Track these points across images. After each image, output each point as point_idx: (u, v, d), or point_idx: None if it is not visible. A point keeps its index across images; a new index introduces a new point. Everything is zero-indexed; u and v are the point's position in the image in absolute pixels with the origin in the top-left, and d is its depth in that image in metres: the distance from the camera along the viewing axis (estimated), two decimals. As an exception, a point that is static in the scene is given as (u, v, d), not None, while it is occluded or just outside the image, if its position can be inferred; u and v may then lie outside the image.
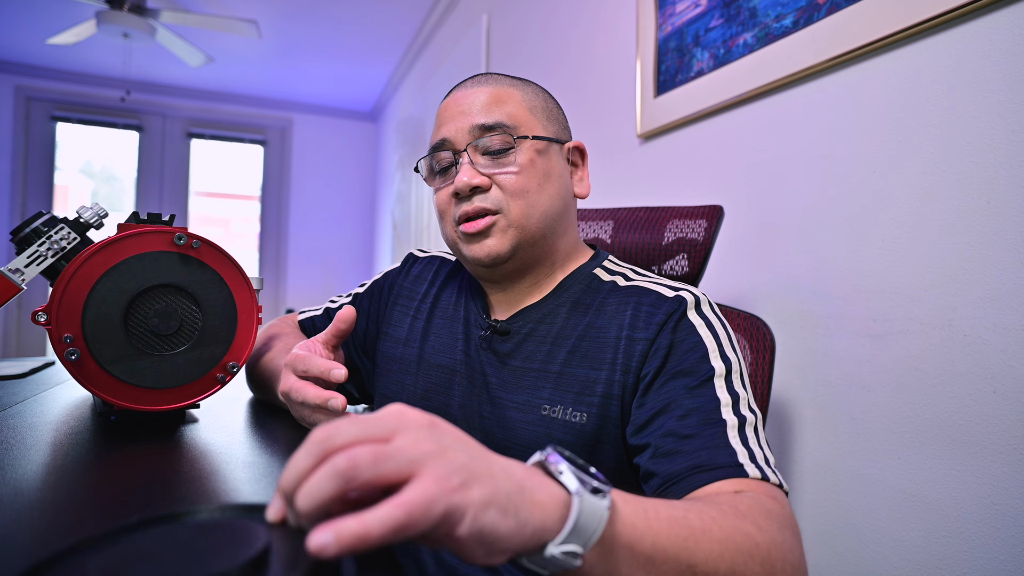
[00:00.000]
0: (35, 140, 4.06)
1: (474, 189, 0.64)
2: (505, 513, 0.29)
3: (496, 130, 0.64)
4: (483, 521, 0.28)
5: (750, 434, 0.53)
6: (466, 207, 0.64)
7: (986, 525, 0.73)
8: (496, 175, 0.64)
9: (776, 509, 0.45)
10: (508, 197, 0.64)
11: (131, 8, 2.73)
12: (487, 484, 0.29)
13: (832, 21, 0.93)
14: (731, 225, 1.13)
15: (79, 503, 0.42)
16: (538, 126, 0.67)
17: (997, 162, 0.73)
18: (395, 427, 0.30)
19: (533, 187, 0.65)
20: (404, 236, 3.64)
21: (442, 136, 0.67)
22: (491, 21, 2.43)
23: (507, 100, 0.66)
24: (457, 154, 0.66)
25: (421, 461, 0.28)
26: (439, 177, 0.69)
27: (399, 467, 0.27)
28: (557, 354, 0.64)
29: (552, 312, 0.67)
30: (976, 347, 0.74)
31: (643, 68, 1.39)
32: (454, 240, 0.68)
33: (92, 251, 0.58)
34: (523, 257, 0.66)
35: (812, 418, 0.97)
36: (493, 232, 0.64)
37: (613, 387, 0.60)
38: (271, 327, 0.88)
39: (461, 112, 0.66)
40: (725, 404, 0.54)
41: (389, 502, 0.26)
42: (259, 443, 0.59)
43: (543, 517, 0.30)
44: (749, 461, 0.50)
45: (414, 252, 0.87)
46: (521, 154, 0.65)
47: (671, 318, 0.60)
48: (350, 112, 4.86)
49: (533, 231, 0.65)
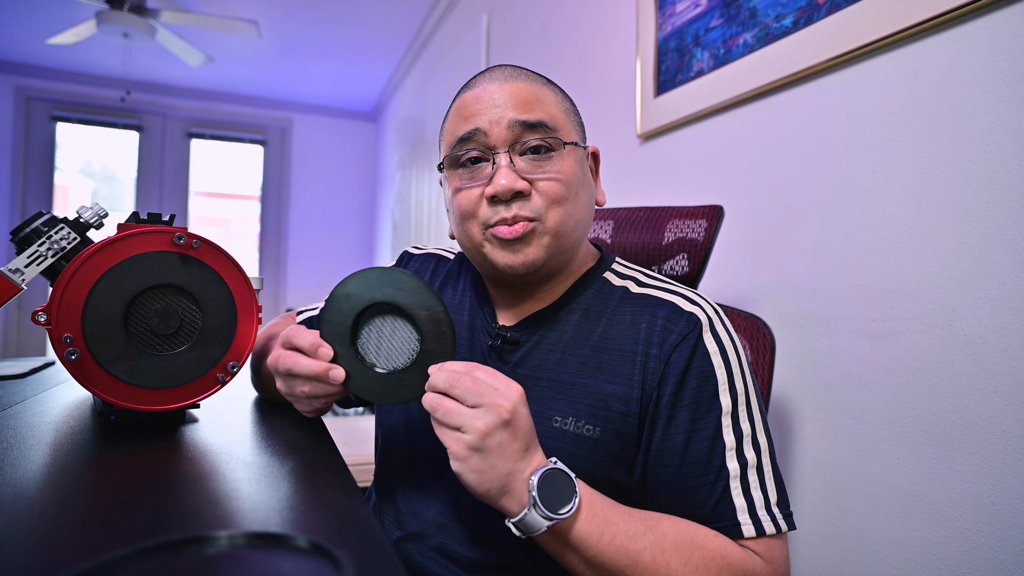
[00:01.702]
0: (35, 140, 4.06)
1: (516, 194, 0.59)
2: (485, 490, 0.49)
3: (538, 130, 0.60)
4: (470, 487, 0.50)
5: (752, 479, 0.56)
6: (505, 212, 0.59)
7: (986, 525, 0.73)
8: (537, 180, 0.60)
9: (756, 571, 0.53)
10: (547, 204, 0.60)
11: (131, 8, 2.73)
12: (487, 483, 0.49)
13: (832, 21, 0.93)
14: (731, 225, 1.13)
15: (79, 503, 0.42)
16: (573, 131, 0.64)
17: (997, 162, 0.73)
18: (482, 403, 0.49)
19: (572, 195, 0.61)
20: (404, 236, 3.64)
21: (474, 126, 0.61)
22: (491, 21, 2.43)
23: (544, 99, 0.62)
24: (492, 151, 0.60)
25: (466, 442, 0.48)
26: (463, 173, 0.63)
27: (454, 427, 0.49)
28: (569, 364, 0.62)
29: (562, 320, 0.65)
30: (976, 347, 0.74)
31: (643, 68, 1.39)
32: (480, 243, 0.63)
33: (92, 251, 0.58)
34: (552, 265, 0.63)
35: (812, 418, 0.97)
36: (531, 240, 0.60)
37: (631, 404, 0.59)
38: (272, 326, 0.88)
39: (496, 105, 0.60)
40: (730, 448, 0.57)
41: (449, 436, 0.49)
42: (259, 443, 0.59)
43: (509, 507, 0.50)
44: (747, 516, 0.55)
45: (409, 249, 0.85)
46: (564, 160, 0.61)
47: (686, 340, 0.59)
48: (350, 112, 4.86)
49: (566, 241, 0.62)
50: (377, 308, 0.57)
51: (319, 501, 0.44)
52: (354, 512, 0.42)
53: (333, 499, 0.45)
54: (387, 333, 0.57)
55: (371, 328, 0.57)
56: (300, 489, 0.46)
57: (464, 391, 0.49)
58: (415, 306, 0.55)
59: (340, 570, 0.31)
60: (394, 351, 0.57)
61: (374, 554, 0.35)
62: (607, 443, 0.59)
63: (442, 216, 2.90)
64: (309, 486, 0.47)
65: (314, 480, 0.49)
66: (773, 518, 0.55)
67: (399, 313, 0.56)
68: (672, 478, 0.57)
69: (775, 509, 0.56)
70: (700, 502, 0.56)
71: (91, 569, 0.30)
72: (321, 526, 0.39)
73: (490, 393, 0.49)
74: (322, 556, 0.34)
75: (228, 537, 0.35)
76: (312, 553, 0.34)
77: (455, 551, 0.62)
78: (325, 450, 0.57)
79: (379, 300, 0.56)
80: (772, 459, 0.59)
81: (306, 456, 0.55)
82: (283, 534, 0.36)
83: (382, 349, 0.57)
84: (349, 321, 0.57)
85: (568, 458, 0.59)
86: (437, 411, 0.49)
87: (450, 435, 0.49)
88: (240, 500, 0.43)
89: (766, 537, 0.55)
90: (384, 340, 0.57)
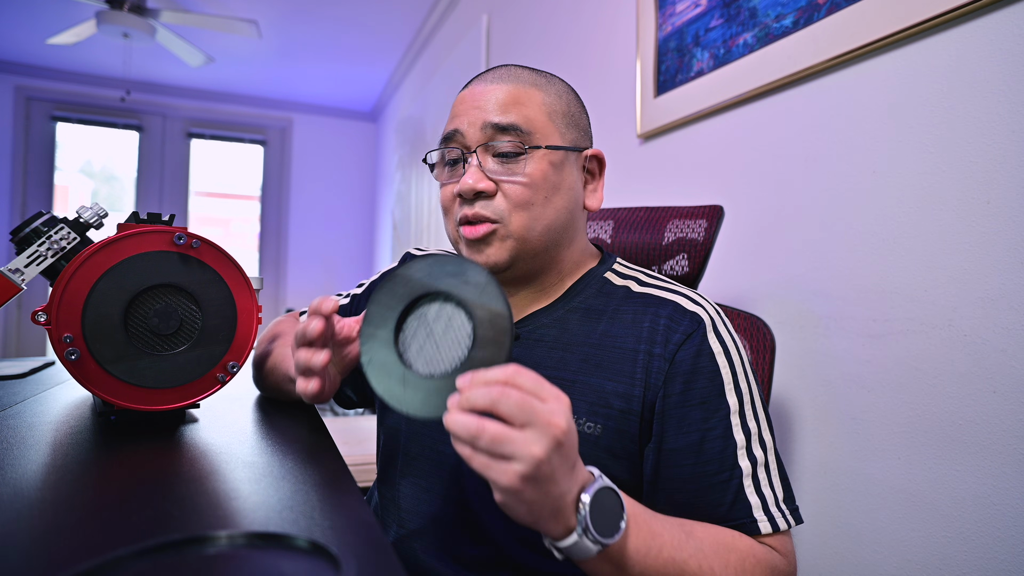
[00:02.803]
0: (35, 140, 4.06)
1: (478, 193, 0.61)
2: (535, 517, 0.43)
3: (509, 132, 0.61)
4: (519, 519, 0.44)
5: (762, 476, 0.57)
6: (467, 211, 0.62)
7: (986, 525, 0.73)
8: (503, 182, 0.62)
9: (779, 567, 0.55)
10: (511, 207, 0.61)
11: (131, 8, 2.73)
12: (539, 511, 0.42)
13: (832, 21, 0.93)
14: (731, 225, 1.13)
15: (79, 503, 0.42)
16: (555, 134, 0.64)
17: (997, 162, 0.73)
18: (534, 422, 0.40)
19: (539, 200, 0.62)
20: (404, 236, 3.64)
21: (454, 127, 0.64)
22: (491, 21, 2.43)
23: (527, 101, 0.63)
24: (467, 151, 0.63)
25: (519, 472, 0.40)
26: (447, 170, 0.66)
27: (503, 455, 0.40)
28: (569, 361, 0.62)
29: (562, 318, 0.65)
30: (976, 347, 0.74)
31: (643, 68, 1.39)
32: (455, 239, 0.67)
33: (92, 251, 0.58)
34: (523, 268, 0.64)
35: (812, 418, 0.97)
36: (492, 241, 0.62)
37: (632, 402, 0.59)
38: (276, 325, 0.87)
39: (477, 107, 0.63)
40: (740, 447, 0.57)
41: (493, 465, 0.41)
42: (259, 443, 0.59)
43: (554, 532, 0.44)
44: (762, 513, 0.56)
45: (411, 251, 0.86)
46: (531, 163, 0.61)
47: (691, 339, 0.59)
48: (350, 112, 4.86)
49: (534, 244, 0.63)
50: (435, 297, 0.49)
51: (319, 501, 0.44)
52: (354, 512, 0.42)
53: (333, 499, 0.45)
54: (438, 330, 0.48)
55: (421, 320, 0.49)
56: (300, 489, 0.46)
57: (511, 408, 0.40)
58: (477, 304, 0.47)
59: (340, 570, 0.31)
60: (439, 353, 0.48)
61: (374, 554, 0.35)
62: (608, 440, 0.59)
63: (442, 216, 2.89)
64: (309, 486, 0.47)
65: (314, 480, 0.49)
66: (783, 514, 0.57)
67: (459, 308, 0.48)
68: (688, 477, 0.57)
69: (783, 505, 0.57)
70: (717, 500, 0.56)
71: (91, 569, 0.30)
72: (321, 526, 0.39)
73: (541, 410, 0.40)
74: (322, 556, 0.34)
75: (228, 537, 0.35)
76: (312, 553, 0.34)
77: (457, 549, 0.62)
78: (325, 450, 0.57)
79: (440, 290, 0.48)
80: (777, 456, 0.60)
81: (306, 456, 0.55)
82: (283, 534, 0.36)
83: (425, 348, 0.48)
84: (401, 306, 0.49)
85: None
86: (481, 438, 0.39)
87: (498, 467, 0.40)
88: (240, 500, 0.43)
89: (780, 533, 0.56)
90: (431, 338, 0.48)
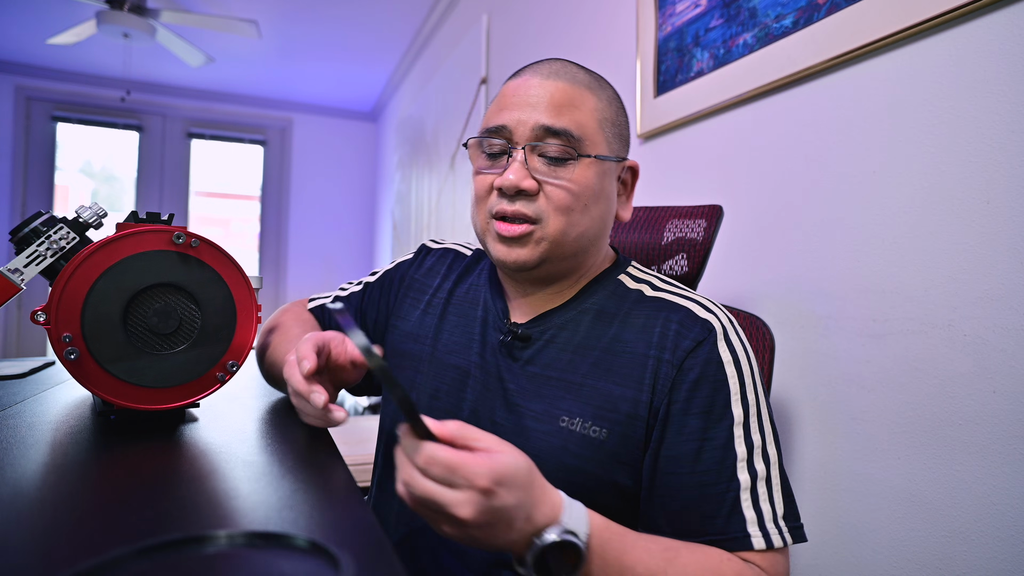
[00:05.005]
0: (35, 140, 4.05)
1: (520, 191, 0.60)
2: (487, 543, 0.44)
3: (560, 137, 0.60)
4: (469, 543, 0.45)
5: (761, 491, 0.56)
6: (506, 206, 0.61)
7: (986, 525, 0.73)
8: (547, 183, 0.61)
9: None
10: (552, 209, 0.60)
11: (131, 8, 2.73)
12: (485, 541, 0.44)
13: (832, 21, 0.93)
14: (731, 225, 1.13)
15: (79, 503, 0.42)
16: (603, 143, 0.63)
17: (997, 162, 0.73)
18: (462, 484, 0.41)
19: (579, 207, 0.61)
20: (404, 236, 3.64)
21: (502, 122, 0.62)
22: (491, 21, 2.43)
23: (580, 105, 0.62)
24: (512, 146, 0.61)
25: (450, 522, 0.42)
26: (485, 158, 0.64)
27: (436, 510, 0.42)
28: (579, 364, 0.62)
29: (574, 319, 0.65)
30: (976, 347, 0.74)
31: (643, 68, 1.39)
32: (484, 229, 0.65)
33: (91, 250, 0.58)
34: (548, 270, 0.64)
35: (812, 418, 0.97)
36: (527, 242, 0.61)
37: (639, 407, 0.58)
38: (281, 313, 0.87)
39: (529, 104, 0.61)
40: (741, 459, 0.57)
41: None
42: (259, 442, 0.59)
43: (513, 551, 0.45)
44: (757, 528, 0.55)
45: (427, 243, 0.85)
46: (578, 170, 0.61)
47: (700, 347, 0.59)
48: (350, 112, 4.86)
49: (565, 250, 0.62)
50: None
51: (319, 501, 0.44)
52: (354, 512, 0.42)
53: (333, 499, 0.45)
54: None
55: None
56: (300, 488, 0.46)
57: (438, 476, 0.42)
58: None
59: (340, 570, 0.31)
60: None
61: (374, 554, 0.35)
62: (613, 445, 0.58)
63: (442, 216, 2.90)
64: (309, 485, 0.47)
65: (314, 480, 0.49)
66: (780, 531, 0.56)
67: None
68: (683, 486, 0.57)
69: (782, 522, 0.56)
70: (712, 511, 0.56)
71: (91, 569, 0.30)
72: (321, 526, 0.39)
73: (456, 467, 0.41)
74: (322, 555, 0.34)
75: (228, 536, 0.35)
76: (312, 552, 0.34)
77: (457, 548, 0.62)
78: (325, 450, 0.57)
79: None
80: (781, 470, 0.59)
81: (306, 456, 0.55)
82: (283, 533, 0.36)
83: None
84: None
85: (573, 458, 0.59)
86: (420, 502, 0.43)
87: (435, 521, 0.44)
88: (240, 499, 0.43)
89: (774, 550, 0.55)
90: None
